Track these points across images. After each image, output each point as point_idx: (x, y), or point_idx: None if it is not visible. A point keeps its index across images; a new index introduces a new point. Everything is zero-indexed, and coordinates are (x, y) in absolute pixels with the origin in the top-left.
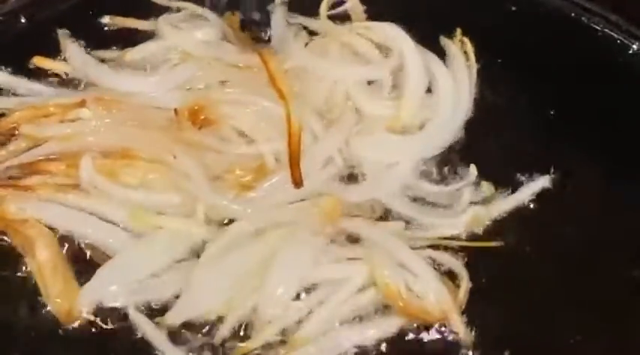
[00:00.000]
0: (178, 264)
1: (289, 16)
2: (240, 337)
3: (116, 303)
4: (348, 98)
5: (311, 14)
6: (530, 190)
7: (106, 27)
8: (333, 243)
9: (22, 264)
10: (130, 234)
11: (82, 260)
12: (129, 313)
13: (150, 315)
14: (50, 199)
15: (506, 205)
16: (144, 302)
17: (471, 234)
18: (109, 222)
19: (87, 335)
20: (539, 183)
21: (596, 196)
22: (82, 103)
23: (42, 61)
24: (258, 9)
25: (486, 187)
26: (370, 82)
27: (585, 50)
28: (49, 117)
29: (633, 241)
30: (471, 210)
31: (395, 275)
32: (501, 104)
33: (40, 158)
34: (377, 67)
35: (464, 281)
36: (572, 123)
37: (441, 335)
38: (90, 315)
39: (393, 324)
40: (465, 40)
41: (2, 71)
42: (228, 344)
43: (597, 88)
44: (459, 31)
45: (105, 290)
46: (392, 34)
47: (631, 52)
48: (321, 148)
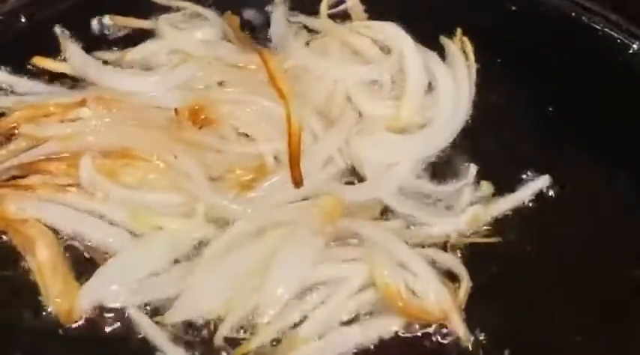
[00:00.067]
0: (178, 264)
1: (289, 15)
2: (240, 337)
3: (116, 303)
4: (348, 98)
5: (311, 13)
6: (530, 190)
7: (106, 27)
8: (333, 242)
9: (22, 263)
10: (130, 234)
11: (82, 260)
12: (129, 313)
13: (150, 315)
14: (50, 199)
15: (506, 205)
16: (144, 301)
17: (471, 233)
18: (109, 222)
19: (87, 335)
20: (539, 183)
21: (596, 196)
22: (82, 103)
23: (42, 61)
24: (258, 8)
25: (486, 187)
26: (370, 82)
27: (585, 50)
28: (49, 117)
29: (633, 241)
30: (471, 209)
31: (395, 274)
32: (501, 104)
33: (40, 158)
34: (377, 67)
35: (464, 281)
36: (572, 123)
37: (441, 335)
38: (90, 315)
39: (392, 324)
40: (465, 39)
41: (2, 70)
42: (228, 344)
43: (597, 87)
44: (459, 30)
45: (105, 289)
46: (392, 33)
47: (631, 51)
48: (321, 148)
